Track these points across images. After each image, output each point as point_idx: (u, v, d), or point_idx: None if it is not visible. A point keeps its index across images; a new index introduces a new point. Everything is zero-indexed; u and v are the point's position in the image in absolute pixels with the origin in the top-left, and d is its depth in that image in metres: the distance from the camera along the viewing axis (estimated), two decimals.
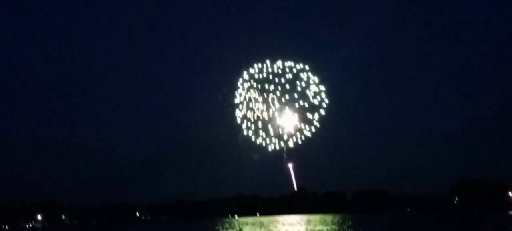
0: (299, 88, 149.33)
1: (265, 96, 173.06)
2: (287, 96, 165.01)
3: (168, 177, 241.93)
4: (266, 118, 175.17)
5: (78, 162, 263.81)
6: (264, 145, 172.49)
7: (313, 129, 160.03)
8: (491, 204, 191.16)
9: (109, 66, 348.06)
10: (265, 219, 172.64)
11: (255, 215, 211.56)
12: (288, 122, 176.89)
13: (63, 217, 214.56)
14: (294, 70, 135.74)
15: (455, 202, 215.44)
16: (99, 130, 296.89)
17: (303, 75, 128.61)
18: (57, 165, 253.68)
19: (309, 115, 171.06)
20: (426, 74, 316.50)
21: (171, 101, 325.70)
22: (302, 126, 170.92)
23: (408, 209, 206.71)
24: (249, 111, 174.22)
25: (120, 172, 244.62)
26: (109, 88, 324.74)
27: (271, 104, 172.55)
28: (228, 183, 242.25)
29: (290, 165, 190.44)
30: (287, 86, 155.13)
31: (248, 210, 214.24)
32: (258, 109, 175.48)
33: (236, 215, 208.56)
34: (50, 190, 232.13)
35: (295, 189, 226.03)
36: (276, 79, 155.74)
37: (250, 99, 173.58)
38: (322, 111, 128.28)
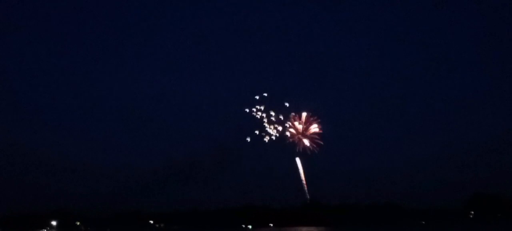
0: None
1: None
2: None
3: (181, 185, 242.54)
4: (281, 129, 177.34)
5: (92, 169, 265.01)
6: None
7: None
8: (506, 219, 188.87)
9: (121, 76, 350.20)
10: None
11: (268, 226, 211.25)
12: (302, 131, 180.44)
13: (77, 223, 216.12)
14: None
15: (471, 217, 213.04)
16: (113, 139, 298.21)
17: None
18: (71, 173, 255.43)
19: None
20: (443, 87, 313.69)
21: (184, 111, 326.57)
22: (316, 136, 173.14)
23: (423, 223, 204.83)
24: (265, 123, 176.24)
25: (134, 180, 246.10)
26: (122, 98, 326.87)
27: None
28: (240, 192, 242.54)
29: (298, 159, 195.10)
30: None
31: (261, 221, 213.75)
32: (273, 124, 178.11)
33: (250, 226, 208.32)
34: (64, 198, 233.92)
35: (308, 196, 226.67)
36: None
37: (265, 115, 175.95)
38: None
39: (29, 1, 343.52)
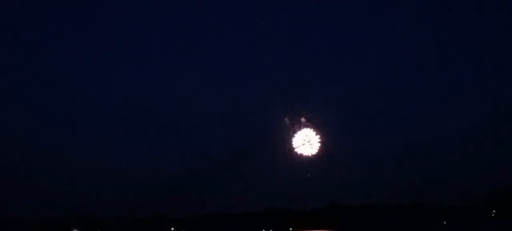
0: None
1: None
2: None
3: (204, 190, 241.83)
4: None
5: (114, 175, 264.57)
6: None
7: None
8: None
9: (141, 80, 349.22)
10: None
11: (289, 230, 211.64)
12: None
13: None
14: None
15: (492, 215, 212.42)
16: (136, 145, 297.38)
17: None
18: (92, 178, 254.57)
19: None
20: (463, 81, 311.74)
21: (204, 114, 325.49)
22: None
23: (445, 223, 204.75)
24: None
25: (155, 185, 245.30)
26: (143, 102, 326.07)
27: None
28: (261, 195, 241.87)
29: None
30: None
31: (281, 224, 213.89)
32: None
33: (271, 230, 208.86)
34: (86, 205, 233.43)
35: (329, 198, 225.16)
36: None
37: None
38: None
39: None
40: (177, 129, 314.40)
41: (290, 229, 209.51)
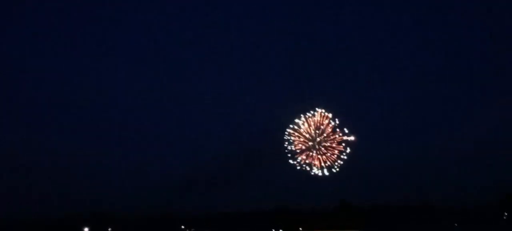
0: None
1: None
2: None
3: (214, 189, 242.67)
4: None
5: (123, 173, 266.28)
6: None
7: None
8: None
9: (147, 79, 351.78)
10: None
11: (298, 230, 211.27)
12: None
13: (109, 230, 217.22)
14: None
15: (504, 218, 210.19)
16: (144, 143, 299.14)
17: None
18: (103, 177, 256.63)
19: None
20: (474, 82, 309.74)
21: (213, 112, 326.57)
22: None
23: (456, 225, 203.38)
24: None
25: (164, 184, 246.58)
26: (153, 101, 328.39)
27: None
28: (270, 194, 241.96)
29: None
30: None
31: (291, 224, 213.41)
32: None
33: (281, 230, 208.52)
34: (96, 203, 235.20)
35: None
36: None
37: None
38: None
39: None
40: (188, 127, 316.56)
41: (300, 229, 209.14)
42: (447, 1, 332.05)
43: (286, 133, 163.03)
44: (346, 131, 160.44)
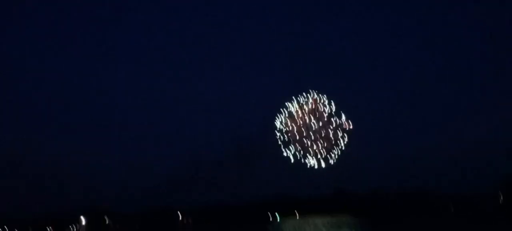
0: None
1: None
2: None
3: (210, 180, 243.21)
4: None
5: (121, 166, 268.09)
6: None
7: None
8: None
9: (146, 74, 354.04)
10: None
11: (295, 215, 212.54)
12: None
13: (107, 221, 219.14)
14: None
15: (500, 202, 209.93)
16: (143, 135, 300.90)
17: None
18: (103, 177, 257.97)
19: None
20: (471, 72, 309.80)
21: (212, 103, 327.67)
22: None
23: (452, 210, 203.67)
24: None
25: (162, 176, 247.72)
26: (152, 91, 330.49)
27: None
28: (267, 187, 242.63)
29: None
30: None
31: (287, 210, 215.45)
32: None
33: (276, 214, 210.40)
34: (94, 195, 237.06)
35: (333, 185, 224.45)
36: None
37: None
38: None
39: None
40: (188, 127, 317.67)
41: (295, 212, 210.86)
42: (447, 1, 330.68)
43: (279, 120, 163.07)
44: (343, 118, 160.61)
